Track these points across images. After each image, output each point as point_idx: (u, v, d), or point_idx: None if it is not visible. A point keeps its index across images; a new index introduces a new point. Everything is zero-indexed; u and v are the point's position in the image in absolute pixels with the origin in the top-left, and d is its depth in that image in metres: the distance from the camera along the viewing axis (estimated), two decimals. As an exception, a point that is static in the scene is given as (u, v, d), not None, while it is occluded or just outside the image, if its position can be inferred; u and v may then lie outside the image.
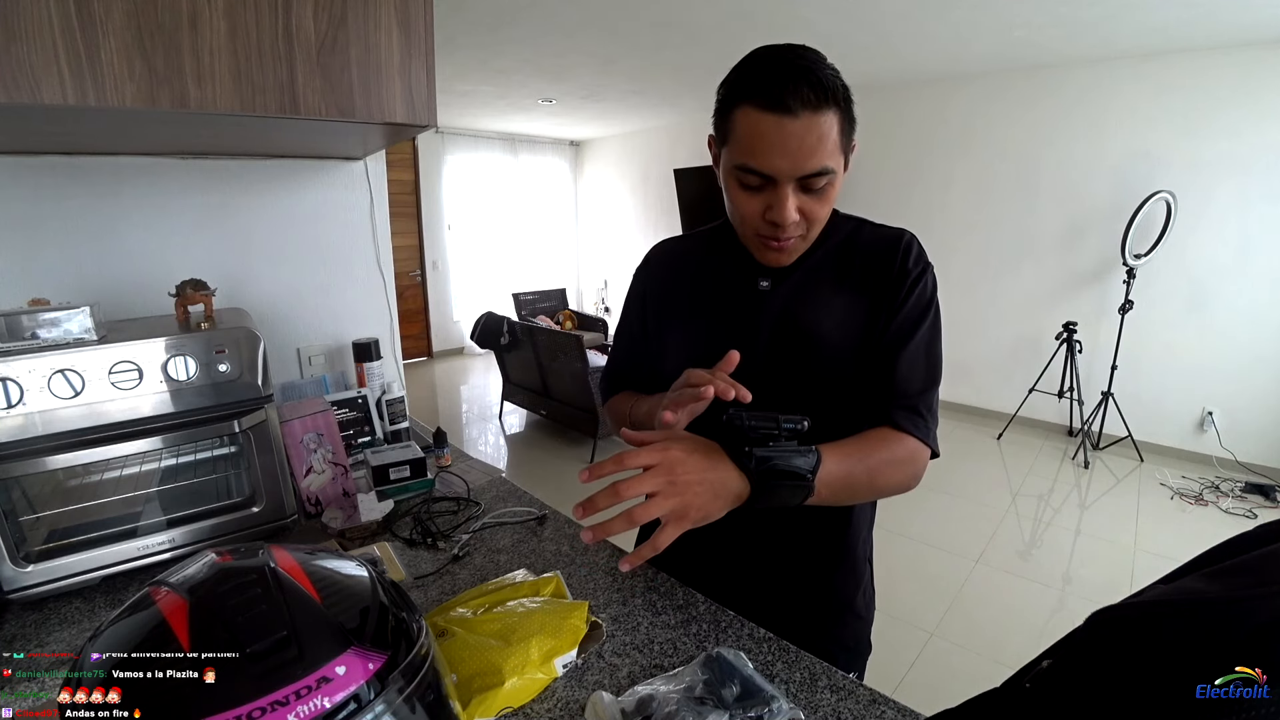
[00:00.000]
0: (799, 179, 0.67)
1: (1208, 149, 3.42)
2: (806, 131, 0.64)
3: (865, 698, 0.67)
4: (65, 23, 0.70)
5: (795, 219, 0.70)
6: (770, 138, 0.65)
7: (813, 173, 0.67)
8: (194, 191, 1.30)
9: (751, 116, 0.66)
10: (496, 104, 5.18)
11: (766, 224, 0.72)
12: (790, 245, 0.75)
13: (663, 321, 0.91)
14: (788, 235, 0.73)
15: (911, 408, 0.78)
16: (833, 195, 0.72)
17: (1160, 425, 3.78)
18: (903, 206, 4.61)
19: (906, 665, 2.05)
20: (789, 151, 0.65)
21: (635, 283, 0.97)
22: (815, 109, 0.64)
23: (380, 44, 0.93)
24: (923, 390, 0.79)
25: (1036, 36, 3.26)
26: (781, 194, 0.68)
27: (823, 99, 0.64)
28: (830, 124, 0.65)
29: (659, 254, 0.97)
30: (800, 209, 0.70)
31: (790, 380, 0.81)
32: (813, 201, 0.70)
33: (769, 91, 0.64)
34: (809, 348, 0.80)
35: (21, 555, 0.84)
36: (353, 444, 1.38)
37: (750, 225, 0.75)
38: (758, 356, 0.81)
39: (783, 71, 0.64)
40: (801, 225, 0.72)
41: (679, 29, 3.22)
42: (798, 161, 0.66)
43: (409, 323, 6.27)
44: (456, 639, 0.69)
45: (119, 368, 0.87)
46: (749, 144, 0.67)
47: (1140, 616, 0.36)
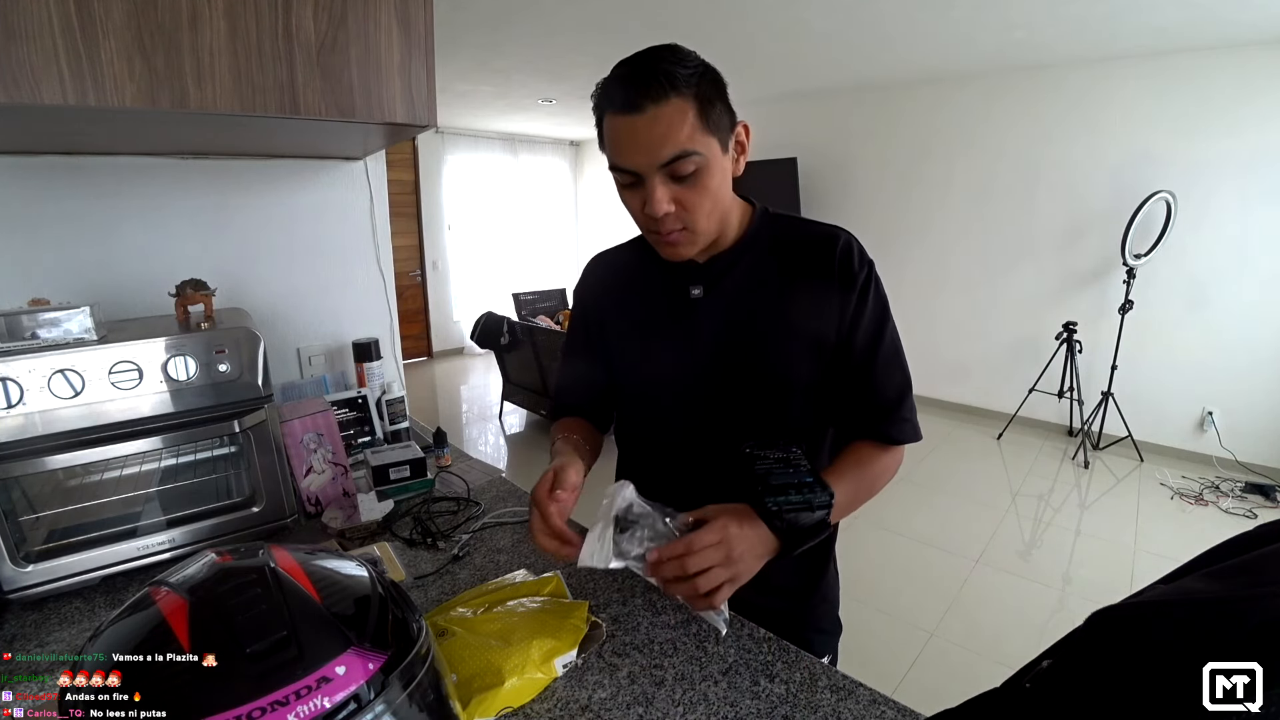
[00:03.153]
0: (661, 167, 0.69)
1: (1208, 149, 3.42)
2: (653, 123, 0.67)
3: (865, 698, 0.67)
4: (65, 23, 0.70)
5: (668, 210, 0.71)
6: (624, 136, 0.69)
7: (670, 159, 0.68)
8: (194, 191, 1.30)
9: (611, 122, 0.71)
10: (496, 104, 5.18)
11: (647, 218, 0.74)
12: (677, 238, 0.75)
13: (607, 339, 0.92)
14: (668, 227, 0.74)
15: (898, 417, 0.81)
16: (710, 182, 0.72)
17: (1160, 425, 3.77)
18: (902, 207, 4.61)
19: (906, 665, 2.05)
20: (641, 145, 0.69)
21: (576, 298, 0.99)
22: (658, 100, 0.66)
23: (380, 44, 0.93)
24: (901, 396, 0.82)
25: (1036, 36, 3.26)
26: (649, 187, 0.70)
27: (665, 90, 0.66)
28: (680, 111, 0.67)
29: (594, 266, 0.98)
30: (676, 199, 0.71)
31: (732, 387, 0.82)
32: (686, 191, 0.71)
33: (616, 96, 0.69)
34: (750, 353, 0.81)
35: (21, 555, 0.84)
36: (353, 444, 1.38)
37: (639, 222, 0.77)
38: (697, 365, 0.82)
39: (627, 76, 0.69)
40: (680, 217, 0.73)
41: (679, 29, 3.22)
42: (652, 152, 0.68)
43: (409, 323, 6.27)
44: (456, 639, 0.70)
45: (119, 368, 0.87)
46: (613, 146, 0.72)
47: (1140, 616, 0.36)
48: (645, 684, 0.70)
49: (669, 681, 0.70)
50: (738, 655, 0.74)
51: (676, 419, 0.87)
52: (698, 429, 0.85)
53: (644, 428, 0.94)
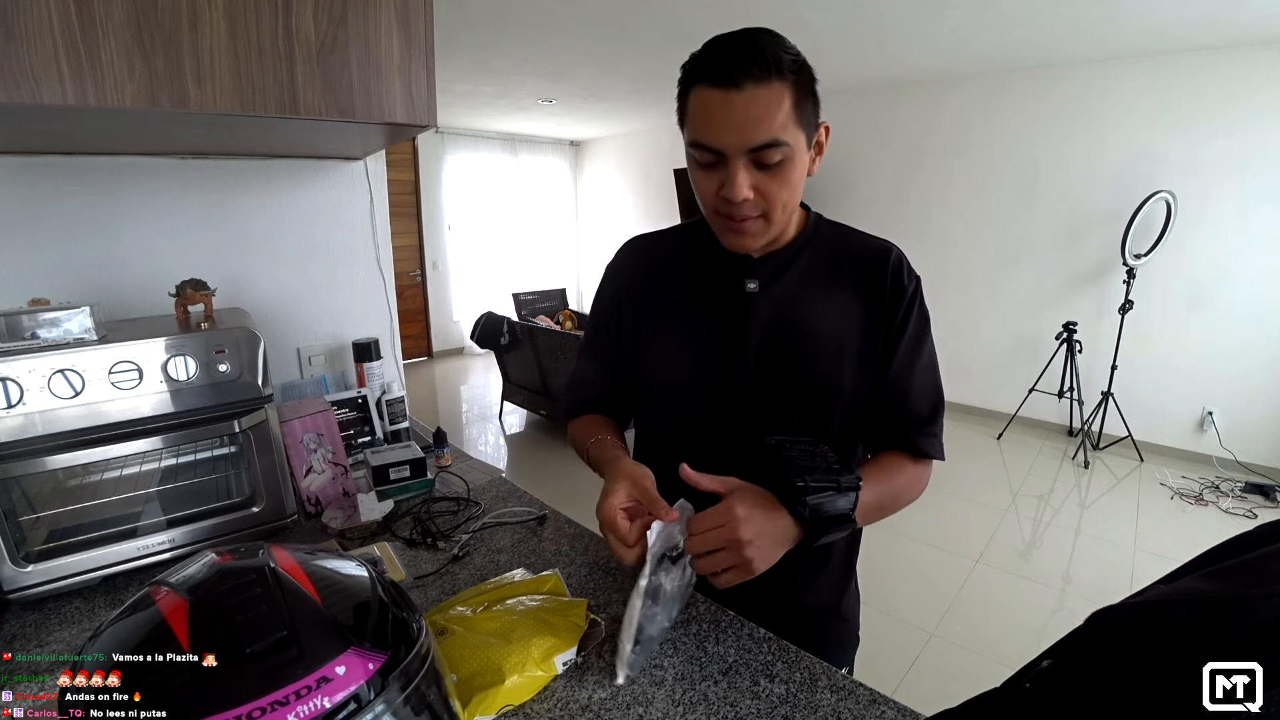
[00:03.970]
0: (749, 152, 0.67)
1: (1208, 149, 3.42)
2: (750, 103, 0.64)
3: (865, 698, 0.67)
4: (65, 23, 0.70)
5: (748, 196, 0.69)
6: (716, 112, 0.66)
7: (761, 144, 0.66)
8: (194, 191, 1.30)
9: (702, 95, 0.67)
10: (496, 104, 5.18)
11: (723, 201, 0.71)
12: (749, 227, 0.73)
13: (639, 326, 0.88)
14: (743, 214, 0.71)
15: (929, 432, 0.81)
16: (792, 175, 0.70)
17: (1160, 425, 3.78)
18: (902, 207, 4.60)
19: (906, 665, 2.05)
20: (734, 124, 0.66)
21: (605, 284, 0.93)
22: (760, 81, 0.64)
23: (380, 44, 0.93)
24: (934, 412, 0.81)
25: (1036, 36, 3.26)
26: (732, 169, 0.68)
27: (768, 71, 0.64)
28: (779, 96, 0.65)
29: (632, 253, 0.93)
30: (755, 187, 0.69)
31: (775, 386, 0.80)
32: (768, 179, 0.69)
33: (715, 69, 0.66)
34: (802, 353, 0.79)
35: (21, 555, 0.84)
36: (353, 444, 1.38)
37: (709, 205, 0.74)
38: (747, 361, 0.80)
39: (730, 49, 0.66)
40: (758, 204, 0.70)
41: (678, 29, 3.22)
42: (744, 133, 0.66)
43: (409, 323, 6.27)
44: (456, 637, 0.70)
45: (119, 368, 0.87)
46: (699, 121, 0.68)
47: (1140, 616, 0.36)
48: (645, 684, 0.70)
49: (669, 681, 0.70)
50: (738, 655, 0.74)
51: (711, 414, 0.83)
52: (732, 427, 0.82)
53: (671, 424, 0.90)
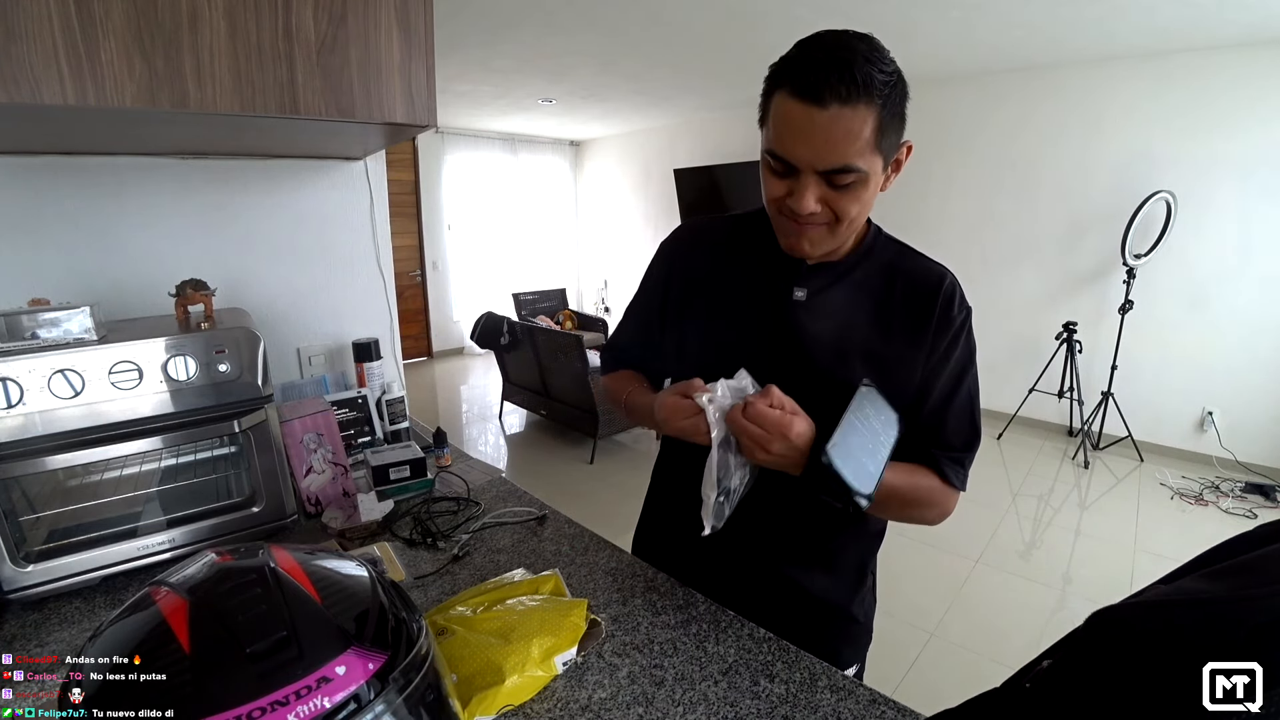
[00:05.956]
0: (821, 172, 0.66)
1: (1208, 149, 3.42)
2: (833, 124, 0.62)
3: (865, 698, 0.67)
4: (65, 23, 0.70)
5: (814, 209, 0.68)
6: (796, 126, 0.64)
7: (834, 168, 0.65)
8: (194, 191, 1.30)
9: (785, 103, 0.65)
10: (496, 104, 5.17)
11: (788, 206, 0.70)
12: (812, 232, 0.71)
13: (685, 311, 0.87)
14: (810, 221, 0.70)
15: (958, 460, 0.79)
16: (864, 195, 0.68)
17: (1160, 425, 3.77)
18: (901, 207, 4.59)
19: (906, 665, 2.05)
20: (812, 143, 0.64)
21: (660, 259, 0.92)
22: (846, 101, 0.61)
23: (380, 44, 0.93)
24: (968, 444, 0.79)
25: (1036, 36, 3.26)
26: (803, 183, 0.67)
27: (856, 92, 0.61)
28: (863, 120, 0.62)
29: (690, 234, 0.91)
30: (824, 200, 0.68)
31: (809, 398, 0.76)
32: (839, 197, 0.68)
33: (802, 78, 0.63)
34: (838, 369, 0.77)
35: (21, 555, 0.84)
36: (353, 444, 1.38)
37: (774, 205, 0.73)
38: (780, 368, 0.77)
39: (822, 60, 0.62)
40: (825, 215, 0.69)
41: (679, 29, 3.22)
42: (820, 154, 0.64)
43: (409, 323, 6.27)
44: (456, 637, 0.70)
45: (119, 368, 0.87)
46: (778, 130, 0.67)
47: (1140, 617, 0.36)
48: (645, 684, 0.70)
49: (669, 681, 0.70)
50: (738, 655, 0.74)
51: None
52: None
53: None
